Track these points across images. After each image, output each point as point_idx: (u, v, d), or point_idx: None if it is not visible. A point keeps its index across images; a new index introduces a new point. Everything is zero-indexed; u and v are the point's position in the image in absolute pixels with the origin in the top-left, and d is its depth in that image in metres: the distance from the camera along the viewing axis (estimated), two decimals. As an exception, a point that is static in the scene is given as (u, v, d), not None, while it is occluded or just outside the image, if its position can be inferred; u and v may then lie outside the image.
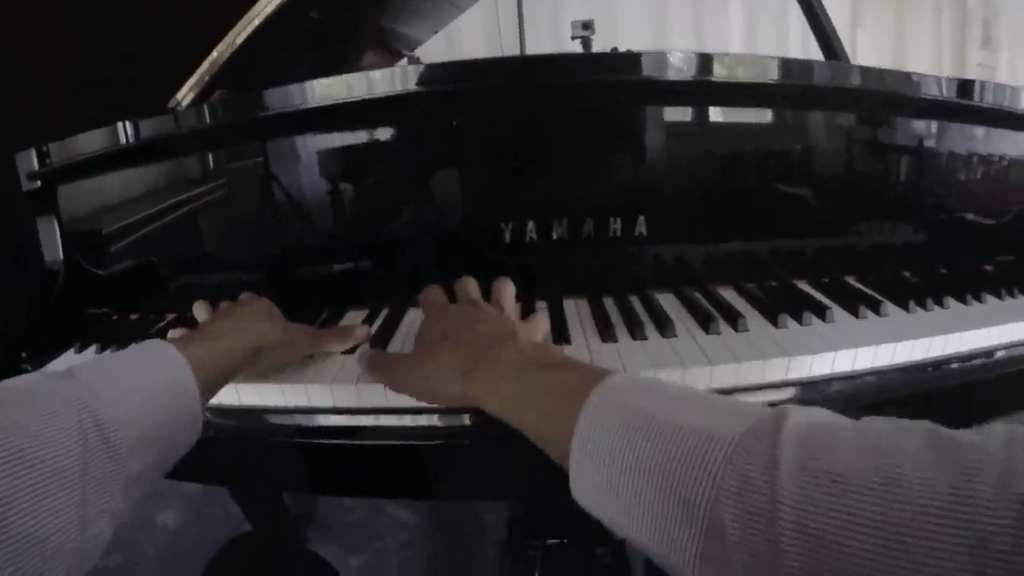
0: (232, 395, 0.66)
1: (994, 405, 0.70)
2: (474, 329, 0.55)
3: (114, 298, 0.89)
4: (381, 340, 0.71)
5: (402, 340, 0.72)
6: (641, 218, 0.77)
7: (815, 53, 1.21)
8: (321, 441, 0.64)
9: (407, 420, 0.62)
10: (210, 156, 0.83)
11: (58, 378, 0.42)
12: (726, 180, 0.80)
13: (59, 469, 0.36)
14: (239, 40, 0.92)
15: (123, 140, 0.81)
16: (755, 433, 0.33)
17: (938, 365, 0.66)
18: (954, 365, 0.66)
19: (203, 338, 0.56)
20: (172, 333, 0.68)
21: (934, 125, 0.81)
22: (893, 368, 0.64)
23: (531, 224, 0.77)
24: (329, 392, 0.63)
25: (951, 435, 0.30)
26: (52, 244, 0.88)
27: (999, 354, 0.69)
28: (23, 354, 0.79)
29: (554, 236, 0.78)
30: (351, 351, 0.69)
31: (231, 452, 0.70)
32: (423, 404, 0.58)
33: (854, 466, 0.29)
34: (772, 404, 0.38)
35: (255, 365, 0.61)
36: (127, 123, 0.80)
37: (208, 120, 0.79)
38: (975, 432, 0.29)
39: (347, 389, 0.62)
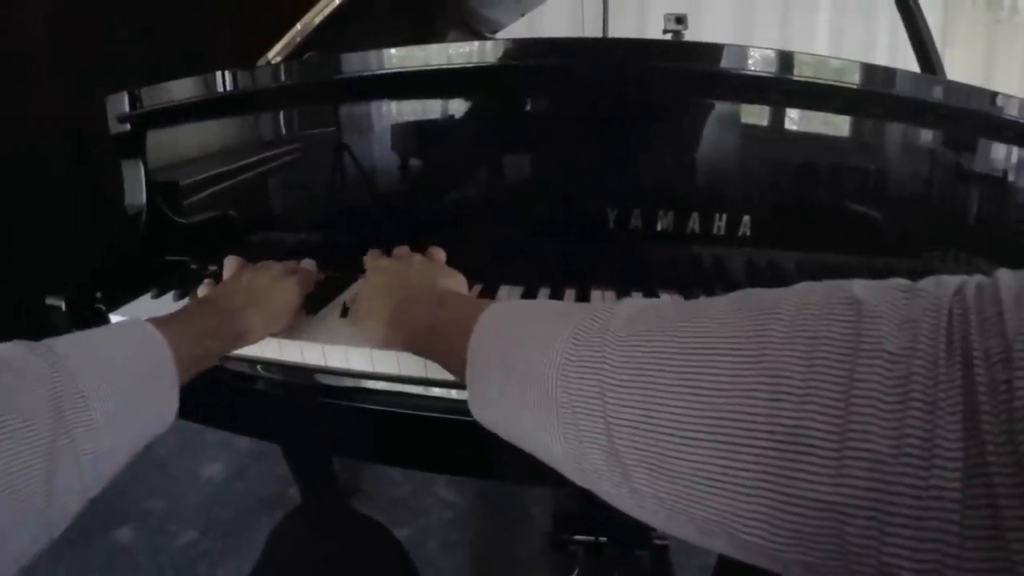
0: (274, 350, 0.68)
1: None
2: (402, 276, 0.60)
3: (194, 247, 0.90)
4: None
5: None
6: (746, 218, 0.75)
7: (902, 60, 1.16)
8: (363, 405, 0.66)
9: (442, 392, 0.64)
10: (297, 113, 0.83)
11: (35, 349, 0.42)
12: (815, 187, 0.77)
13: (28, 439, 0.36)
14: (330, 8, 0.93)
15: (215, 89, 0.81)
16: (596, 314, 0.38)
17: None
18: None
19: (185, 320, 0.56)
20: (201, 288, 0.69)
21: (1017, 152, 0.75)
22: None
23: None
24: (369, 357, 0.65)
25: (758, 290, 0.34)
26: (136, 188, 0.89)
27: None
28: (98, 294, 0.80)
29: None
30: None
31: (279, 408, 0.73)
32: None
33: (667, 318, 0.35)
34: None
35: (238, 344, 0.61)
36: (222, 72, 0.81)
37: (300, 76, 0.80)
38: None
39: (389, 355, 0.64)
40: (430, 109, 0.79)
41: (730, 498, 0.29)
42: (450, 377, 0.62)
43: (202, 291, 0.68)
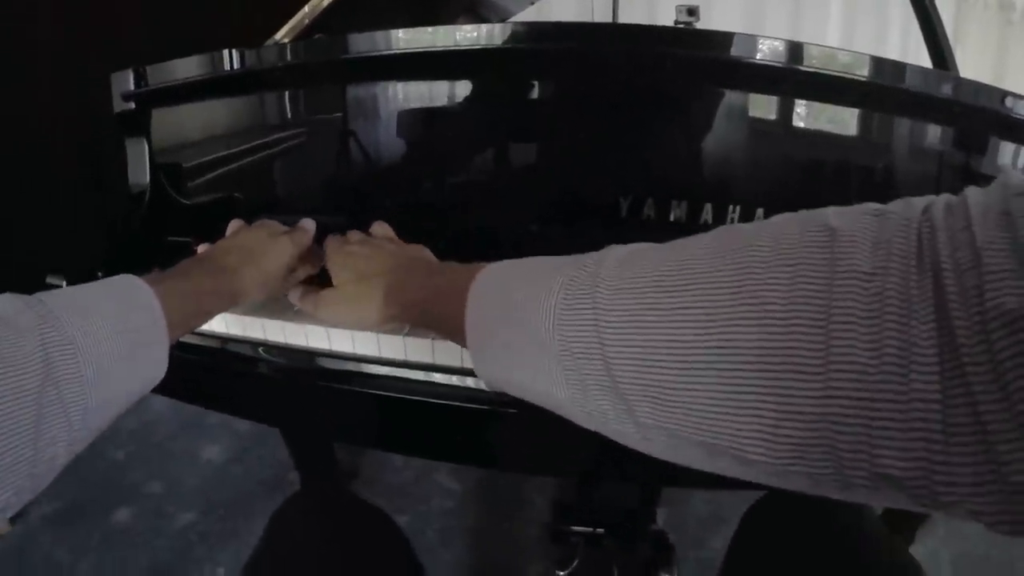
0: (279, 333, 0.68)
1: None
2: (381, 261, 0.59)
3: (197, 228, 0.89)
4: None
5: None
6: (760, 211, 0.74)
7: (913, 57, 1.15)
8: (365, 391, 0.65)
9: (454, 380, 0.64)
10: (303, 93, 0.82)
11: (26, 301, 0.42)
12: (823, 180, 0.77)
13: (16, 388, 0.37)
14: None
15: (221, 68, 0.80)
16: (585, 263, 0.39)
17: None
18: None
19: (177, 278, 0.55)
20: (201, 247, 0.69)
21: None
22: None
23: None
24: (375, 342, 0.65)
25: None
26: (140, 167, 0.88)
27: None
28: (99, 273, 0.79)
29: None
30: None
31: (280, 392, 0.72)
32: (466, 366, 0.61)
33: (653, 259, 0.36)
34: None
35: (234, 305, 0.61)
36: (228, 51, 0.80)
37: (307, 56, 0.79)
38: None
39: (394, 341, 0.64)
40: (437, 92, 0.78)
41: (731, 421, 0.31)
42: (455, 363, 0.62)
43: (201, 249, 0.68)
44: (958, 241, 0.27)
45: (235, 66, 0.80)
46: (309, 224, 0.72)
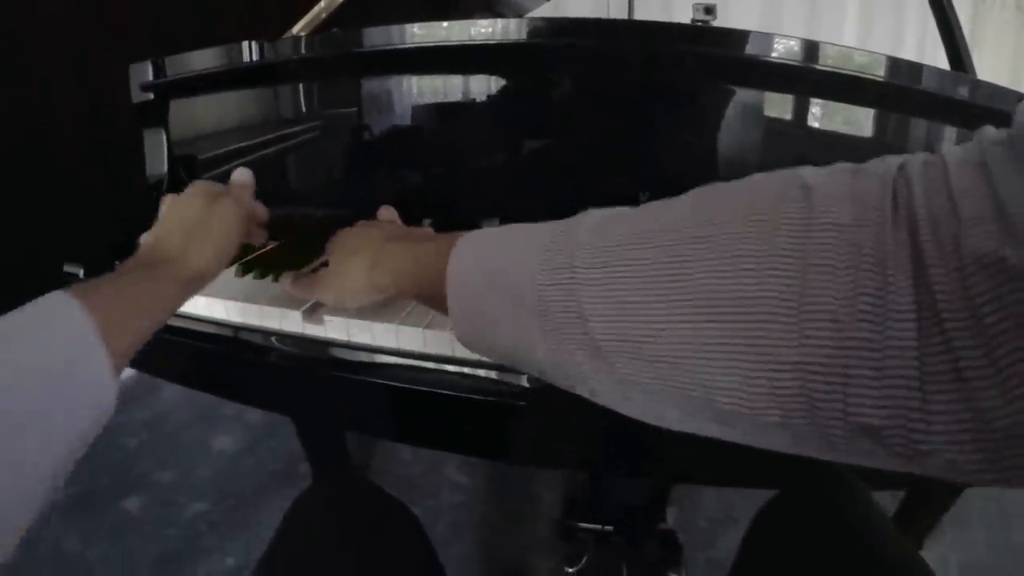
0: (295, 325, 0.68)
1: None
2: (371, 235, 0.59)
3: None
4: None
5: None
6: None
7: (930, 58, 1.14)
8: (380, 382, 0.65)
9: (465, 370, 0.63)
10: (317, 87, 0.83)
11: None
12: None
13: None
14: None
15: (239, 60, 0.81)
16: (564, 226, 0.40)
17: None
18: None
19: (118, 280, 0.48)
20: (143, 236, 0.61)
21: None
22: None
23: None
24: (395, 333, 0.65)
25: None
26: (157, 157, 0.89)
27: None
28: (116, 262, 0.79)
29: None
30: None
31: (293, 380, 0.72)
32: (479, 358, 0.60)
33: (631, 218, 0.37)
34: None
35: (196, 287, 0.56)
36: (246, 44, 0.80)
37: (323, 49, 0.79)
38: None
39: (415, 332, 0.64)
40: (451, 87, 0.78)
41: (706, 371, 0.31)
42: (472, 356, 0.62)
43: (143, 239, 0.60)
44: (933, 191, 0.27)
45: (252, 58, 0.81)
46: (245, 174, 0.67)
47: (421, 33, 0.74)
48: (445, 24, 0.74)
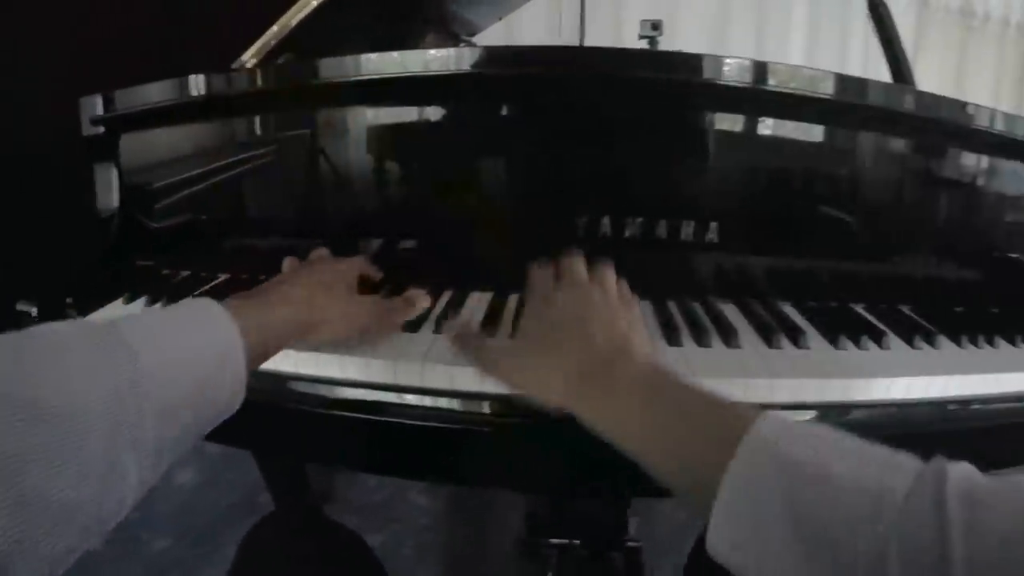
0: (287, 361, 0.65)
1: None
2: (585, 331, 0.52)
3: (166, 252, 0.89)
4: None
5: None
6: (713, 224, 0.76)
7: (874, 67, 1.18)
8: (349, 415, 0.63)
9: (427, 401, 0.62)
10: (271, 118, 0.83)
11: (98, 331, 0.39)
12: (793, 195, 0.79)
13: (85, 427, 0.34)
14: (306, 10, 0.93)
15: (190, 93, 0.81)
16: (920, 491, 0.33)
17: (986, 402, 0.64)
18: (996, 406, 0.65)
19: (256, 305, 0.53)
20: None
21: (986, 160, 0.79)
22: (942, 400, 0.63)
23: (601, 219, 0.77)
24: (392, 369, 0.62)
25: None
26: (108, 191, 0.88)
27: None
28: (68, 299, 0.78)
29: (626, 234, 0.77)
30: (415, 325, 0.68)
31: (258, 417, 0.70)
32: (451, 387, 0.58)
33: (1019, 526, 0.30)
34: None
35: (310, 336, 0.58)
36: (196, 76, 0.80)
37: (277, 81, 0.80)
38: None
39: (384, 365, 0.62)
40: (407, 115, 0.79)
41: None
42: (444, 385, 0.60)
43: (286, 266, 0.66)
44: None
45: (204, 92, 0.81)
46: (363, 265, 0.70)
47: (375, 63, 0.75)
48: (397, 54, 0.75)
